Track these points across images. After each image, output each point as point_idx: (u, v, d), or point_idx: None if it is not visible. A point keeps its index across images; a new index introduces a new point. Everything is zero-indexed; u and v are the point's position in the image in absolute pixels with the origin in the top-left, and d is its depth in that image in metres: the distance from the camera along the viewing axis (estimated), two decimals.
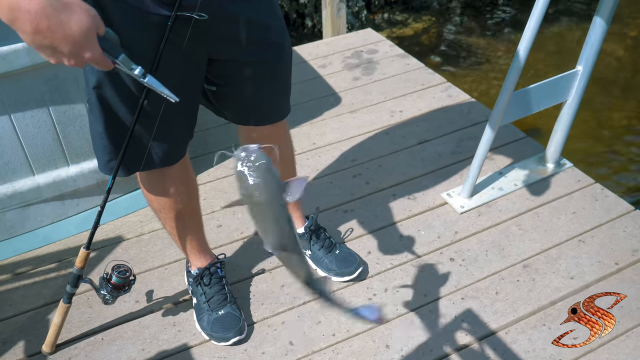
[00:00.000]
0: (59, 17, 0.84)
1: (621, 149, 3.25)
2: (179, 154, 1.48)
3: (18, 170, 1.94)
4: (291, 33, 4.48)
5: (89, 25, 0.87)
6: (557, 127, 2.21)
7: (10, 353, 1.69)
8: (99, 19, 0.90)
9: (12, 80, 1.77)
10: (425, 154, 2.42)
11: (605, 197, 2.14)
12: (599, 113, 3.49)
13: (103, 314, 1.79)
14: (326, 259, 1.85)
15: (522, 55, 1.78)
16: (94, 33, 0.90)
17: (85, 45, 0.89)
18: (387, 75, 2.96)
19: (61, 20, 0.84)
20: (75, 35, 0.86)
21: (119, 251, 2.02)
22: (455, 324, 1.72)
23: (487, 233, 2.03)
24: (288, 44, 1.45)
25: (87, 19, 0.86)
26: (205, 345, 1.70)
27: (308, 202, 2.16)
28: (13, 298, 1.86)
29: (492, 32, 4.54)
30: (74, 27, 0.86)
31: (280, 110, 1.57)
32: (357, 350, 1.66)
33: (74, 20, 0.85)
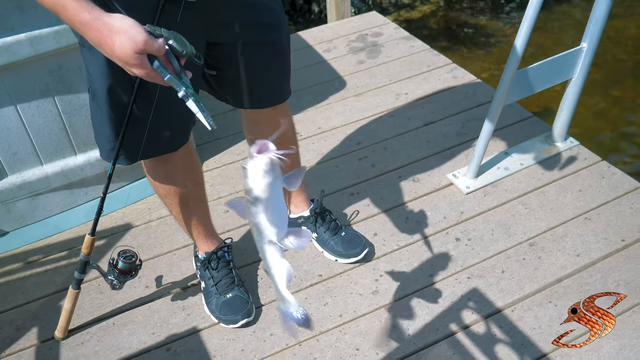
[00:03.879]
0: (107, 40, 0.96)
1: (629, 127, 3.22)
2: (182, 140, 1.49)
3: (26, 161, 1.96)
4: (298, 19, 4.47)
5: (130, 48, 0.96)
6: (563, 105, 2.19)
7: (24, 339, 1.73)
8: (150, 41, 0.97)
9: (17, 71, 1.79)
10: (430, 136, 2.41)
11: (612, 175, 2.13)
12: (607, 91, 3.46)
13: (114, 300, 1.82)
14: (332, 241, 1.87)
15: (525, 32, 1.77)
16: (137, 55, 0.97)
17: (131, 64, 0.99)
18: (392, 58, 2.95)
19: (107, 43, 0.96)
20: (120, 56, 0.97)
21: (127, 238, 2.05)
22: (461, 303, 1.73)
23: (493, 212, 2.03)
24: (285, 24, 1.45)
25: (128, 43, 0.95)
26: (214, 327, 1.72)
27: (314, 185, 2.18)
28: (25, 286, 1.90)
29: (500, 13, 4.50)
30: (117, 50, 0.97)
31: (281, 92, 1.58)
32: (364, 330, 1.68)
33: (117, 44, 0.96)
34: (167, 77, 1.01)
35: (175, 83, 1.02)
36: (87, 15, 0.96)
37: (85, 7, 0.96)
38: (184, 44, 1.02)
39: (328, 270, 1.87)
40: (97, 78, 1.29)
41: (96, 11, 0.96)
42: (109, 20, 0.96)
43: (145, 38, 0.96)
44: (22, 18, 1.71)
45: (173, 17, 1.22)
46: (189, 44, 1.03)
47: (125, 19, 0.97)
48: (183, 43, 1.02)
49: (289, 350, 1.64)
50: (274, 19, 1.41)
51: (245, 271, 1.88)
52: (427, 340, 1.64)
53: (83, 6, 0.96)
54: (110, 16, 0.97)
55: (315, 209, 1.89)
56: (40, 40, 1.75)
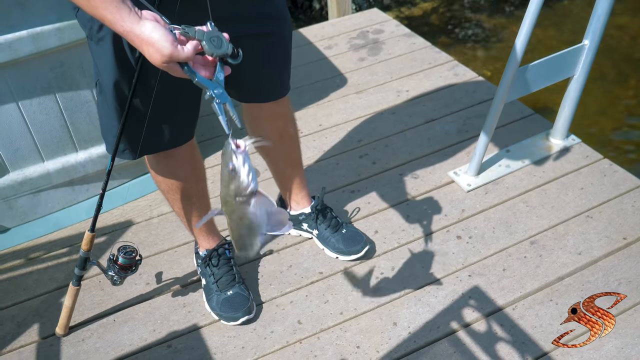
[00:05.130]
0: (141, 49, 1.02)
1: (631, 125, 3.21)
2: (187, 135, 1.49)
3: (28, 157, 1.96)
4: (299, 15, 4.46)
5: (158, 59, 1.01)
6: (565, 102, 2.19)
7: (26, 335, 1.73)
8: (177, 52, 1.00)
9: (18, 67, 1.78)
10: (431, 133, 2.41)
11: (614, 172, 2.13)
12: (609, 89, 3.45)
13: (114, 296, 1.83)
14: (333, 238, 1.87)
15: (527, 29, 1.76)
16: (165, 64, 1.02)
17: (165, 69, 1.04)
18: (393, 55, 2.95)
19: (143, 51, 1.02)
20: (155, 63, 1.02)
21: (128, 235, 2.05)
22: (462, 301, 1.73)
23: (494, 210, 2.03)
24: (287, 16, 1.45)
25: (156, 55, 1.00)
26: (215, 325, 1.72)
27: (315, 182, 2.18)
28: (27, 282, 1.90)
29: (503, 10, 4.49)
30: (149, 59, 1.02)
31: (282, 86, 1.57)
32: (365, 327, 1.68)
33: (147, 55, 1.02)
34: (195, 80, 1.04)
35: (203, 85, 1.05)
36: (120, 27, 1.00)
37: (119, 18, 0.99)
38: (218, 44, 1.05)
39: (329, 267, 1.87)
40: (104, 71, 1.29)
41: (129, 22, 0.99)
42: (140, 33, 1.00)
43: (171, 51, 1.00)
44: (24, 15, 1.71)
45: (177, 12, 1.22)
46: (226, 43, 1.05)
47: (155, 30, 0.99)
48: (218, 43, 1.04)
49: (289, 348, 1.65)
50: (275, 11, 1.40)
51: (245, 268, 1.88)
52: (428, 338, 1.64)
53: (116, 19, 0.99)
54: (141, 26, 1.00)
55: (316, 206, 1.88)
56: (42, 37, 1.75)
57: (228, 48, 1.06)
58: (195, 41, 1.03)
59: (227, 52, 1.06)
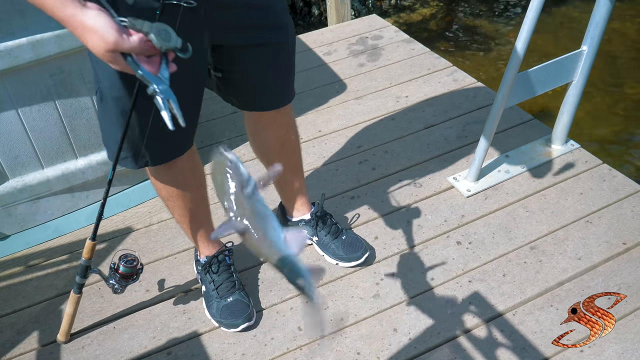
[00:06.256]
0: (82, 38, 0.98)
1: (631, 129, 3.22)
2: (187, 144, 1.49)
3: (27, 164, 1.96)
4: (298, 22, 4.48)
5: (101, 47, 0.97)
6: (564, 108, 2.20)
7: (25, 343, 1.73)
8: (121, 41, 0.97)
9: (18, 74, 1.79)
10: (431, 139, 2.41)
11: (613, 178, 2.13)
12: (608, 94, 3.46)
13: (114, 304, 1.82)
14: (333, 245, 1.87)
15: (526, 35, 1.77)
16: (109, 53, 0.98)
17: (105, 61, 1.00)
18: (392, 60, 2.96)
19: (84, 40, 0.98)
20: (95, 54, 0.99)
21: (128, 242, 2.05)
22: (462, 307, 1.73)
23: (494, 216, 2.03)
24: (291, 25, 1.45)
25: (99, 43, 0.96)
26: (215, 332, 1.72)
27: (315, 188, 2.18)
28: (26, 289, 1.90)
29: (502, 16, 4.50)
30: (91, 48, 0.98)
31: (285, 94, 1.57)
32: (365, 334, 1.68)
33: (90, 43, 0.97)
34: (138, 73, 1.00)
35: (146, 80, 1.01)
36: (61, 13, 0.95)
37: (59, 5, 0.95)
38: (166, 37, 1.00)
39: (329, 274, 1.86)
40: (104, 79, 1.28)
41: (71, 7, 0.95)
42: (83, 19, 0.95)
43: (115, 38, 0.96)
44: (24, 22, 1.72)
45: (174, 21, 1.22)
46: (174, 36, 1.01)
47: (99, 17, 0.96)
48: (166, 37, 1.00)
49: (290, 354, 1.64)
50: (278, 20, 1.41)
51: (246, 275, 1.88)
52: (428, 344, 1.64)
53: (57, 4, 0.94)
54: (85, 13, 0.95)
55: (316, 213, 1.89)
56: (41, 44, 1.75)
57: (177, 42, 1.01)
58: (141, 33, 0.99)
59: (177, 46, 1.02)
